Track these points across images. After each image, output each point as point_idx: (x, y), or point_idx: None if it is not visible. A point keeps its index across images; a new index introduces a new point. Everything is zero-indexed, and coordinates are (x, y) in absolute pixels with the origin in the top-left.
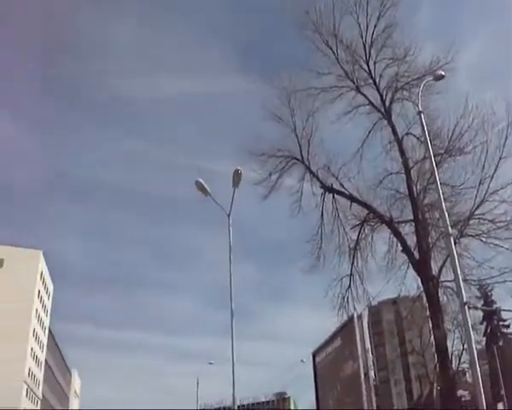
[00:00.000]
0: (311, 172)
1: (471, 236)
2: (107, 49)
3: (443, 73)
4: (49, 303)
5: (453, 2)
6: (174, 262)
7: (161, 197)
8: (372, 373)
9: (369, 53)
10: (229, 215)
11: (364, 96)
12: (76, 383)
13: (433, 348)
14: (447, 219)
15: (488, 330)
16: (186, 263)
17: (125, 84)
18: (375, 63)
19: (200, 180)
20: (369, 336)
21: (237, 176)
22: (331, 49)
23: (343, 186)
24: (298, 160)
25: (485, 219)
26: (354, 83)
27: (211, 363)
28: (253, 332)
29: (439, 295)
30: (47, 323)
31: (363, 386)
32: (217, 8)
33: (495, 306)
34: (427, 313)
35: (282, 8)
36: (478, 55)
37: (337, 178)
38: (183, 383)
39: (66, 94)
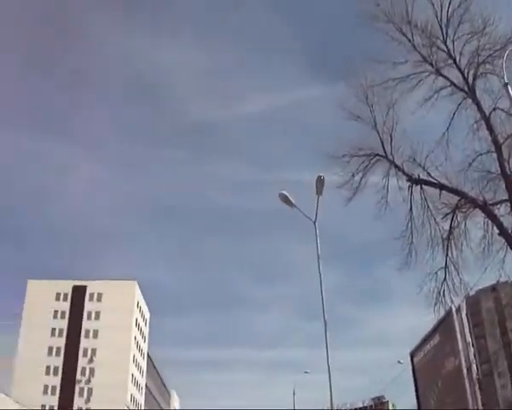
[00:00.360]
0: (396, 166)
1: None
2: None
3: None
4: (146, 330)
5: None
6: (265, 276)
7: (249, 212)
8: (475, 367)
9: (447, 32)
10: (314, 223)
11: (445, 77)
12: (175, 402)
13: None
14: None
15: None
16: (276, 276)
17: (208, 107)
18: (453, 42)
19: (284, 192)
20: (469, 329)
21: (320, 182)
22: (406, 36)
23: (430, 175)
24: (381, 156)
25: None
26: (433, 66)
27: (306, 372)
28: (347, 338)
29: None
30: (145, 349)
31: (467, 382)
32: (282, 23)
33: None
34: None
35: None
36: None
37: (424, 168)
38: (280, 393)
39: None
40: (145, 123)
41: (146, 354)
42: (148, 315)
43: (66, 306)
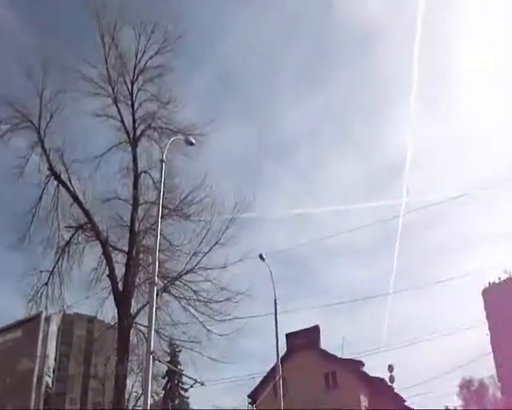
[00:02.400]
0: (43, 146)
1: (174, 296)
2: None
3: (193, 141)
4: None
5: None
6: None
7: None
8: (49, 380)
9: (138, 76)
10: None
11: (119, 111)
12: None
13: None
14: (157, 268)
15: (168, 386)
16: None
17: None
18: (139, 89)
19: None
20: (56, 342)
21: None
22: (104, 45)
23: (70, 182)
24: (33, 125)
25: (189, 287)
26: (114, 92)
27: None
28: None
29: (131, 334)
30: None
31: (33, 389)
32: None
33: (179, 367)
34: (116, 346)
35: None
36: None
37: (67, 170)
38: None
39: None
40: None
41: None
42: None
43: None
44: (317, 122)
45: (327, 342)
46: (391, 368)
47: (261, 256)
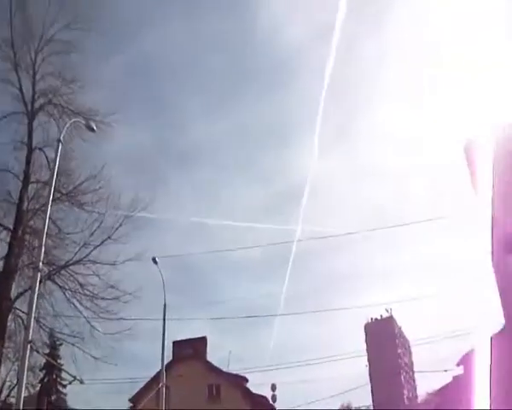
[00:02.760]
0: None
1: (58, 285)
2: None
3: (94, 128)
4: None
5: None
6: None
7: None
8: None
9: (43, 47)
10: None
11: (19, 79)
12: None
13: None
14: (43, 252)
15: (45, 380)
16: None
17: None
18: (43, 60)
19: None
20: None
21: None
22: (10, 6)
23: None
24: None
25: (75, 279)
26: (15, 58)
27: None
28: None
29: (9, 320)
30: None
31: None
32: None
33: (59, 361)
34: None
35: None
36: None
37: None
38: None
39: None
40: None
41: None
42: None
43: None
44: (224, 140)
45: (214, 355)
46: (274, 387)
47: (154, 259)
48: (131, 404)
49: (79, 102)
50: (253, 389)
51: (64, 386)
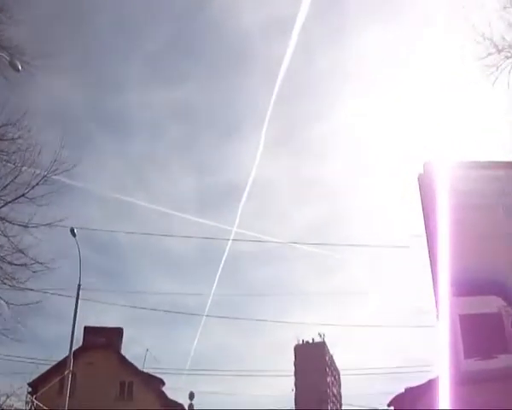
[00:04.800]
0: None
1: None
2: None
3: (20, 67)
4: None
5: None
6: None
7: None
8: None
9: None
10: None
11: None
12: None
13: None
14: None
15: None
16: None
17: None
18: None
19: None
20: None
21: None
22: None
23: None
24: None
25: None
26: None
27: None
28: None
29: None
30: None
31: None
32: None
33: None
34: None
35: None
36: None
37: None
38: None
39: None
40: None
41: None
42: None
43: None
44: (162, 113)
45: (129, 349)
46: (192, 396)
47: (72, 231)
48: (30, 389)
49: (6, 35)
50: (169, 394)
51: None
